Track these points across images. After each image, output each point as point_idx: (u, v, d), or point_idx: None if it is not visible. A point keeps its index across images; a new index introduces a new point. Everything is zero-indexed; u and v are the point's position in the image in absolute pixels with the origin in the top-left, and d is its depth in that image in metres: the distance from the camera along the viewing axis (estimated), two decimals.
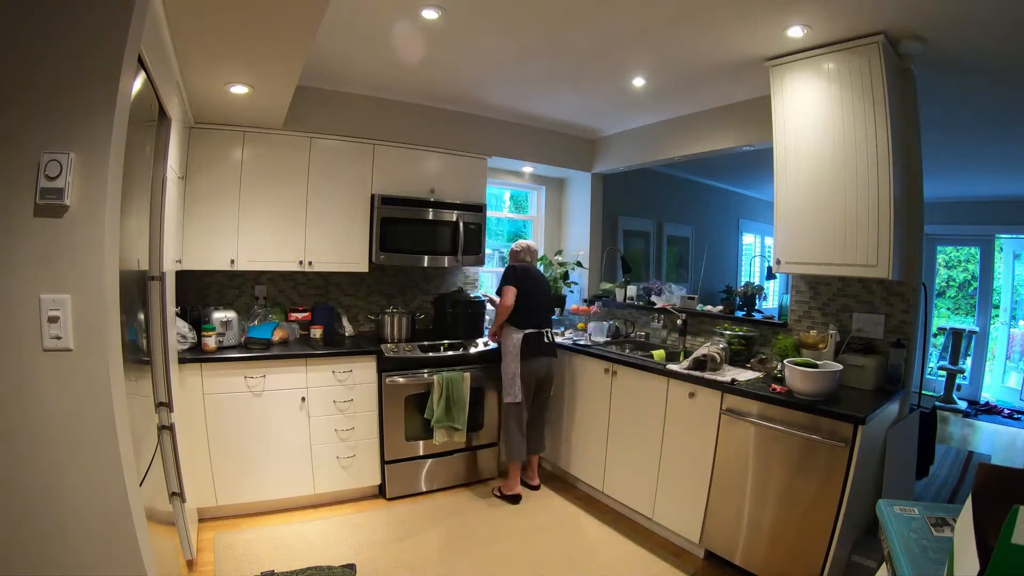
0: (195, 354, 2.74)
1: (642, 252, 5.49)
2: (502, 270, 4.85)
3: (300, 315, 3.39)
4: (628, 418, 3.03)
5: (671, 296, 3.74)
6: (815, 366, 2.28)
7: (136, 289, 1.66)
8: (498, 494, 3.26)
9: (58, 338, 1.13)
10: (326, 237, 3.29)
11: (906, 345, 2.51)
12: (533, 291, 3.25)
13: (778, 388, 2.40)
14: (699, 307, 3.55)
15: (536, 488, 3.39)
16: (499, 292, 3.23)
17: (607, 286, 4.23)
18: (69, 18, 1.13)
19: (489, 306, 3.70)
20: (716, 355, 2.71)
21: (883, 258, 2.28)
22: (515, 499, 3.19)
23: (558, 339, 3.63)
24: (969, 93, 2.92)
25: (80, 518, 1.17)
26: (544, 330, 3.24)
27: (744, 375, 2.66)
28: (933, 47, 2.34)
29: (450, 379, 3.22)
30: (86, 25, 1.14)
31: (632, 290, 4.08)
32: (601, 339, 3.58)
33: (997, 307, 6.28)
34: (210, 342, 2.82)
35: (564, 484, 3.53)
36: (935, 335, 6.21)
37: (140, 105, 1.47)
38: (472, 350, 3.43)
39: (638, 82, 3.10)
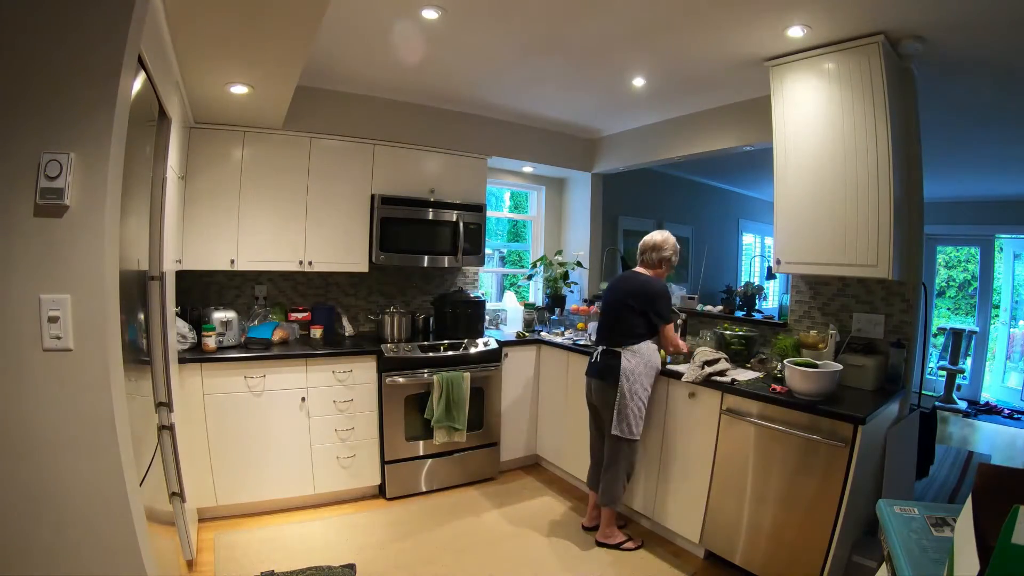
0: (195, 354, 2.74)
1: None
2: (502, 270, 4.89)
3: (300, 315, 3.39)
4: None
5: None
6: (815, 366, 2.28)
7: (136, 289, 1.66)
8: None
9: (58, 338, 1.13)
10: (326, 237, 3.29)
11: (906, 345, 2.51)
12: (604, 303, 2.89)
13: (778, 388, 2.40)
14: (699, 307, 3.55)
15: (588, 529, 2.89)
16: None
17: (607, 286, 4.23)
18: (69, 18, 1.13)
19: None
20: (723, 359, 2.71)
21: (883, 258, 2.28)
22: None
23: (556, 339, 3.64)
24: (969, 93, 2.92)
25: (80, 518, 1.17)
26: (598, 348, 2.79)
27: (744, 375, 2.66)
28: (933, 47, 2.34)
29: (450, 379, 3.22)
30: (86, 25, 1.14)
31: None
32: None
33: (997, 307, 6.28)
34: (210, 342, 2.82)
35: (564, 484, 3.53)
36: (935, 335, 6.21)
37: (140, 105, 1.47)
38: (472, 350, 3.43)
39: (638, 82, 3.10)
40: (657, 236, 2.81)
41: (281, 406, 2.90)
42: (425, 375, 3.22)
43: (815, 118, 2.49)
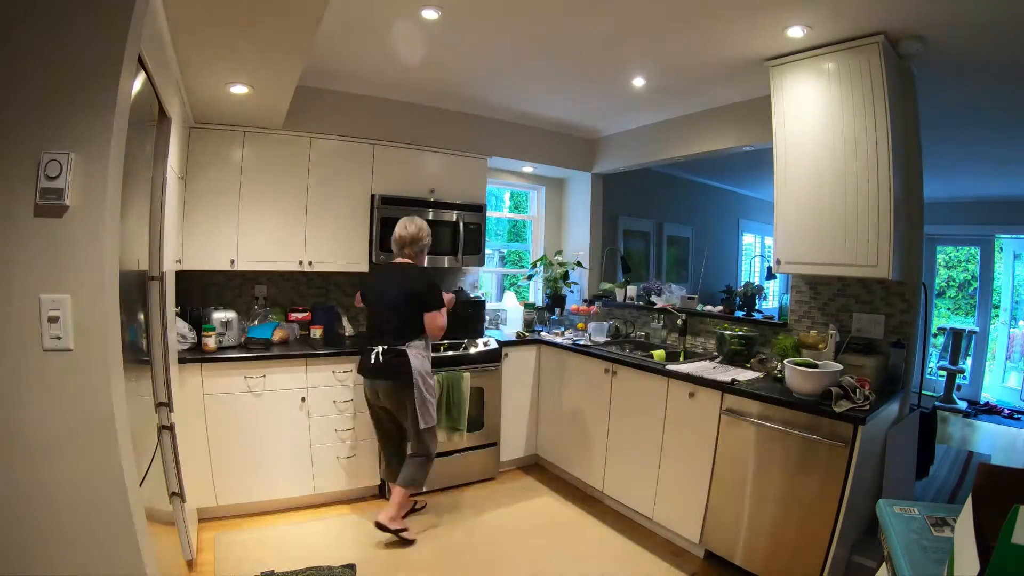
0: (195, 354, 2.74)
1: (642, 252, 5.49)
2: (502, 270, 4.89)
3: (300, 315, 3.39)
4: (628, 418, 3.03)
5: (671, 296, 3.74)
6: (815, 366, 2.28)
7: (136, 289, 1.66)
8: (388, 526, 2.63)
9: (58, 338, 1.13)
10: (326, 237, 3.29)
11: (906, 345, 2.51)
12: (378, 298, 2.77)
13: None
14: (699, 307, 3.55)
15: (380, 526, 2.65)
16: None
17: (607, 286, 4.23)
18: (69, 18, 1.13)
19: None
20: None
21: (883, 258, 2.28)
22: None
23: (556, 339, 3.64)
24: (969, 93, 2.92)
25: (80, 518, 1.16)
26: (377, 347, 2.66)
27: (744, 375, 2.66)
28: (933, 47, 2.34)
29: (450, 379, 3.22)
30: (86, 25, 1.14)
31: (632, 290, 4.08)
32: (601, 339, 3.58)
33: (997, 307, 6.28)
34: (210, 342, 2.82)
35: (564, 484, 3.53)
36: (935, 335, 6.21)
37: (140, 105, 1.47)
38: (472, 350, 3.43)
39: (638, 82, 3.10)
40: (411, 228, 2.76)
41: (281, 406, 2.90)
42: None
43: (815, 118, 2.49)
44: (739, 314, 3.34)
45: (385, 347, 2.66)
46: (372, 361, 2.67)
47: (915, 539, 1.08)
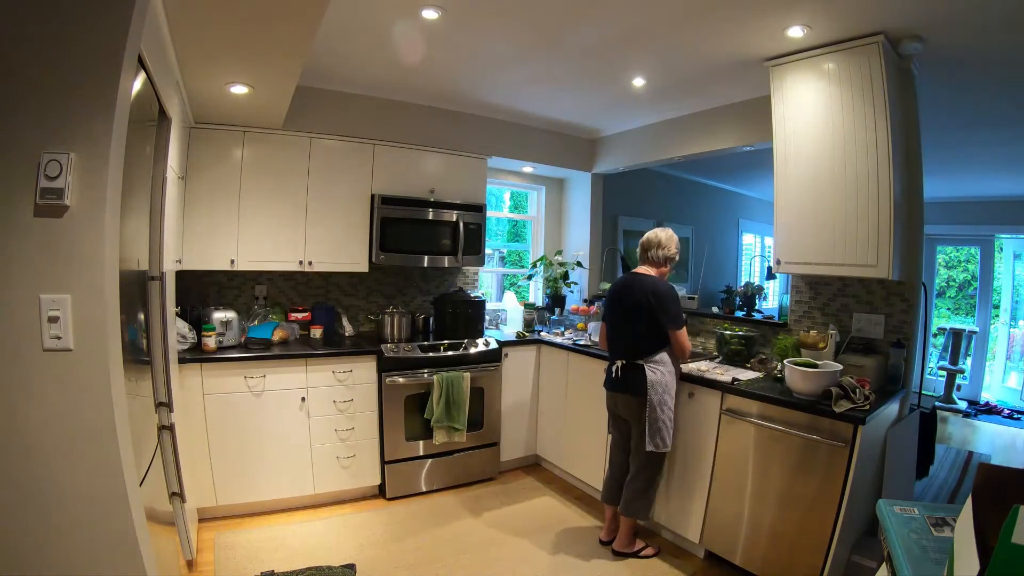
0: (195, 354, 2.74)
1: None
2: (502, 270, 4.88)
3: (300, 315, 3.39)
4: None
5: None
6: (815, 366, 2.28)
7: (136, 289, 1.66)
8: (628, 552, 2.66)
9: (58, 338, 1.13)
10: (326, 237, 3.29)
11: (906, 345, 2.51)
12: (612, 311, 2.70)
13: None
14: (693, 305, 3.54)
15: (605, 543, 2.76)
16: None
17: (607, 286, 4.23)
18: (69, 18, 1.13)
19: None
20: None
21: (883, 258, 2.28)
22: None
23: (556, 339, 3.64)
24: (969, 93, 2.92)
25: (80, 518, 1.16)
26: (617, 362, 2.62)
27: (744, 375, 2.66)
28: (933, 47, 2.34)
29: (450, 379, 3.22)
30: (86, 25, 1.14)
31: None
32: None
33: (997, 307, 6.28)
34: (210, 342, 2.82)
35: (564, 484, 3.53)
36: (935, 335, 6.21)
37: (140, 105, 1.47)
38: (472, 350, 3.43)
39: (638, 82, 3.10)
40: (661, 233, 2.69)
41: (281, 406, 2.90)
42: (425, 375, 3.22)
43: (815, 118, 2.49)
44: (739, 314, 3.34)
45: (623, 363, 2.58)
46: (611, 375, 2.65)
47: (915, 539, 1.08)
